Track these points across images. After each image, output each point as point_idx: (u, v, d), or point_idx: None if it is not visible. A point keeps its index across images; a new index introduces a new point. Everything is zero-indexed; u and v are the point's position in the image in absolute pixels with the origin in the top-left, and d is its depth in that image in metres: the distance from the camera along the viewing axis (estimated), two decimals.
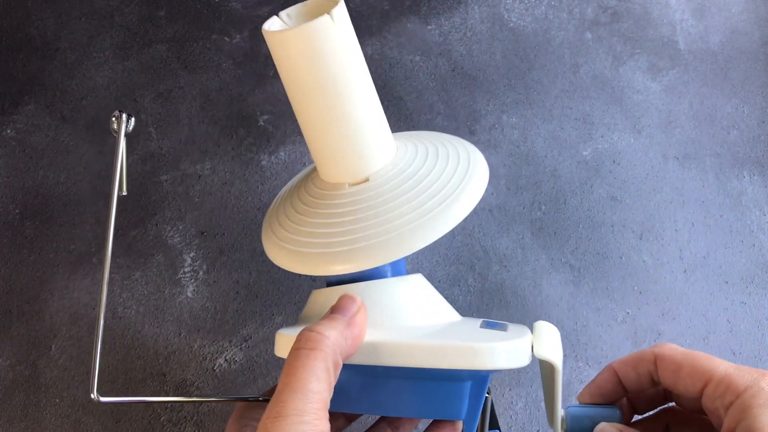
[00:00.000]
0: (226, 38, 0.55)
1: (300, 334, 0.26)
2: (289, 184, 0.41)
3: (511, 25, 0.57)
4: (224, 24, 0.55)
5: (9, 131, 0.50)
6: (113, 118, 0.35)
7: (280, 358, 0.46)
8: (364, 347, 0.28)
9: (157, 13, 0.55)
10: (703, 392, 0.28)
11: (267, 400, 0.32)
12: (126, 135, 0.34)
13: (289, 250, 0.33)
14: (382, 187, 0.32)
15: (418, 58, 0.55)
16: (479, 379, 0.30)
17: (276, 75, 0.54)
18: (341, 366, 0.27)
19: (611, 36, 0.57)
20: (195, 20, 0.55)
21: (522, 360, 0.28)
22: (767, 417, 0.26)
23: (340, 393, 0.30)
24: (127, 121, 0.34)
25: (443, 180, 0.32)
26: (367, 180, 0.33)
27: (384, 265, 0.32)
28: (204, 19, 0.55)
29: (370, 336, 0.28)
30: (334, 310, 0.29)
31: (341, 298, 0.30)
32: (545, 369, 0.32)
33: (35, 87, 0.52)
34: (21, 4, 0.55)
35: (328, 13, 0.29)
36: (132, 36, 0.54)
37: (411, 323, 0.31)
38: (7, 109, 0.51)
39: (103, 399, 0.32)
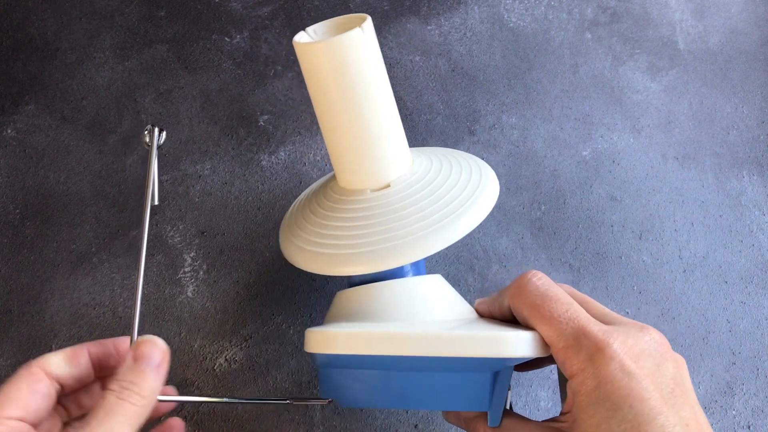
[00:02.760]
0: (226, 38, 0.55)
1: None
2: (304, 193, 0.43)
3: (511, 25, 0.57)
4: (224, 24, 0.55)
5: (9, 131, 0.50)
6: (145, 132, 0.36)
7: (280, 358, 0.47)
8: (392, 338, 0.28)
9: (157, 13, 0.55)
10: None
11: (293, 403, 0.33)
12: (158, 148, 0.36)
13: (312, 252, 0.34)
14: (401, 193, 0.34)
15: (418, 58, 0.55)
16: (503, 369, 0.30)
17: (276, 75, 0.54)
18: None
19: (611, 36, 0.57)
20: (195, 20, 0.55)
21: (541, 349, 0.29)
22: (589, 420, 0.24)
23: (368, 389, 0.31)
24: (159, 135, 0.36)
25: (458, 189, 0.34)
26: (388, 186, 0.35)
27: (406, 265, 0.34)
28: (204, 19, 0.55)
29: (397, 329, 0.29)
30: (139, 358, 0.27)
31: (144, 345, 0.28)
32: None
33: (35, 87, 0.52)
34: (21, 4, 0.55)
35: (359, 27, 0.31)
36: (132, 36, 0.54)
37: (436, 317, 0.32)
38: (7, 109, 0.51)
39: (161, 399, 0.33)
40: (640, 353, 0.25)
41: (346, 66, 0.31)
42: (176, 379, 0.43)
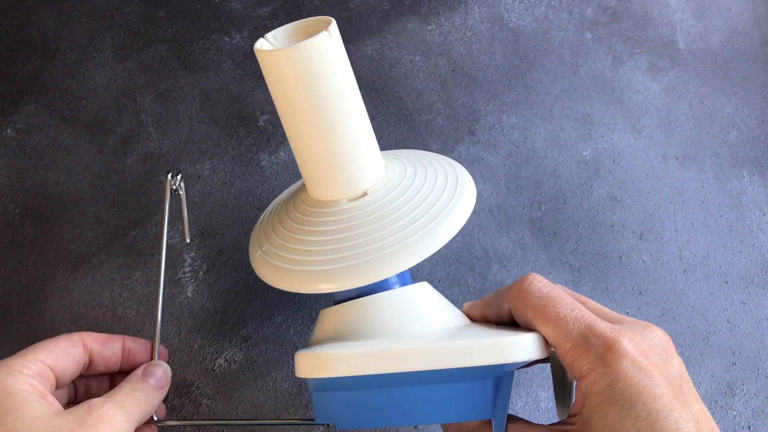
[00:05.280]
0: (226, 38, 0.55)
1: None
2: (271, 206, 0.41)
3: (511, 25, 0.57)
4: (224, 24, 0.55)
5: (9, 131, 0.50)
6: (168, 178, 0.38)
7: (280, 358, 0.47)
8: (394, 355, 0.27)
9: (157, 13, 0.55)
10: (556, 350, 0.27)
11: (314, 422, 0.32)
12: (175, 192, 0.37)
13: (290, 270, 0.32)
14: (379, 201, 0.33)
15: (418, 58, 0.55)
16: (504, 374, 0.29)
17: None
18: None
19: (611, 36, 0.57)
20: (195, 20, 0.55)
21: (544, 351, 0.28)
22: (602, 421, 0.24)
23: (367, 409, 0.30)
24: (180, 181, 0.38)
25: (436, 193, 0.33)
26: (365, 194, 0.33)
27: (392, 276, 0.32)
28: (204, 19, 0.55)
29: (398, 344, 0.28)
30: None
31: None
32: (556, 364, 0.32)
33: (35, 87, 0.52)
34: (21, 4, 0.55)
35: (326, 30, 0.29)
36: (132, 36, 0.54)
37: (429, 329, 0.31)
38: (7, 109, 0.51)
39: (160, 423, 0.34)
40: (649, 350, 0.25)
41: (312, 74, 0.29)
42: (176, 379, 0.43)
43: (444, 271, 0.47)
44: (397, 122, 0.52)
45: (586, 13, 0.58)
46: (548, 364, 0.44)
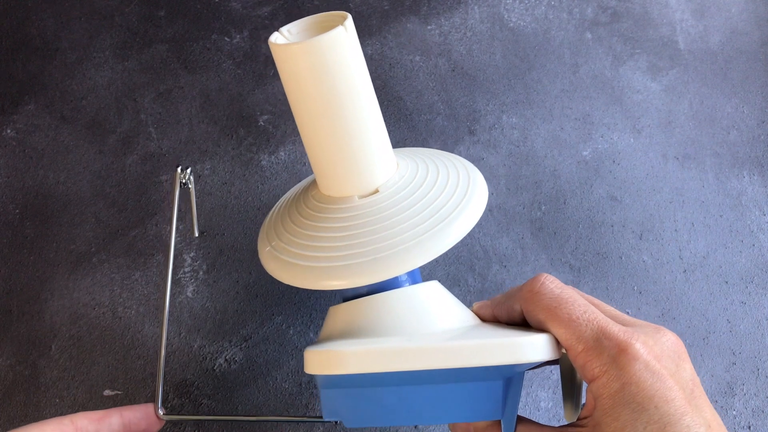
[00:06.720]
0: (226, 38, 0.55)
1: None
2: (280, 202, 0.40)
3: (511, 25, 0.57)
4: (224, 24, 0.55)
5: (9, 131, 0.50)
6: (179, 171, 0.38)
7: (280, 358, 0.47)
8: (405, 353, 0.27)
9: (157, 13, 0.55)
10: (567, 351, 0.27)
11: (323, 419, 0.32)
12: (184, 185, 0.37)
13: (302, 266, 0.32)
14: (391, 198, 0.32)
15: (418, 58, 0.55)
16: (515, 375, 0.29)
17: (276, 75, 0.54)
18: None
19: (611, 36, 0.57)
20: (195, 20, 0.55)
21: (556, 352, 0.28)
22: (614, 423, 0.24)
23: (377, 408, 0.30)
24: (189, 175, 0.38)
25: (448, 191, 0.33)
26: (376, 191, 0.33)
27: (402, 274, 0.32)
28: (204, 19, 0.55)
29: (409, 343, 0.28)
30: None
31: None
32: (565, 366, 0.32)
33: (35, 87, 0.52)
34: (21, 4, 0.55)
35: (342, 25, 0.29)
36: (132, 36, 0.54)
37: (441, 327, 0.31)
38: (7, 109, 0.51)
39: (165, 417, 0.33)
40: (661, 353, 0.25)
41: (328, 68, 0.29)
42: (176, 379, 0.43)
43: (444, 271, 0.47)
44: (397, 122, 0.52)
45: (586, 13, 0.58)
46: (550, 366, 0.44)
